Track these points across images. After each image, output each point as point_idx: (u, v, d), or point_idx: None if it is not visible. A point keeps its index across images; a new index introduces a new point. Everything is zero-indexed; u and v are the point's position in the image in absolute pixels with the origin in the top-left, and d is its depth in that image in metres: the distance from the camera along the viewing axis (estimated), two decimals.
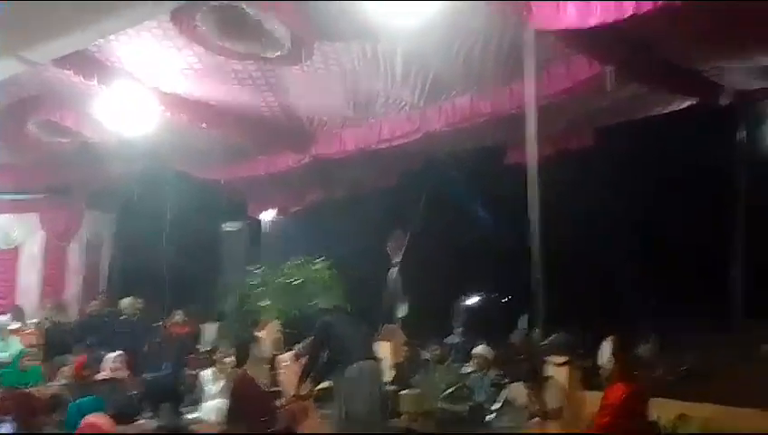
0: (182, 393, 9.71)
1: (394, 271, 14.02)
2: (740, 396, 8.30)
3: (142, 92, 8.16)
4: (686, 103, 7.97)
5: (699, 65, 7.02)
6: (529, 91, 6.11)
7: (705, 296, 12.44)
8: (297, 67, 7.56)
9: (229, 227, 11.53)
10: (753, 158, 9.08)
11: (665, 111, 8.27)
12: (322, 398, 9.17)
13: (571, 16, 5.43)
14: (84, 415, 5.75)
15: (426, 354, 11.77)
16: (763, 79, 7.30)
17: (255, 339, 9.26)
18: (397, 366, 11.15)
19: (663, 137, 10.58)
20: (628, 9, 5.01)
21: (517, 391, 9.34)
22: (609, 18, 5.16)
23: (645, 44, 6.33)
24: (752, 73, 7.14)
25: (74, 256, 14.20)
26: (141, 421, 8.16)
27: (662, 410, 8.23)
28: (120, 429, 6.05)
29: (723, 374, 9.97)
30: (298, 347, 9.16)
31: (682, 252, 14.04)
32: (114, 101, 8.20)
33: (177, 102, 8.46)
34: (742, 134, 8.88)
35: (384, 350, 11.56)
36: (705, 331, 11.84)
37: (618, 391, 6.54)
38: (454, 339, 13.65)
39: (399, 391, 10.20)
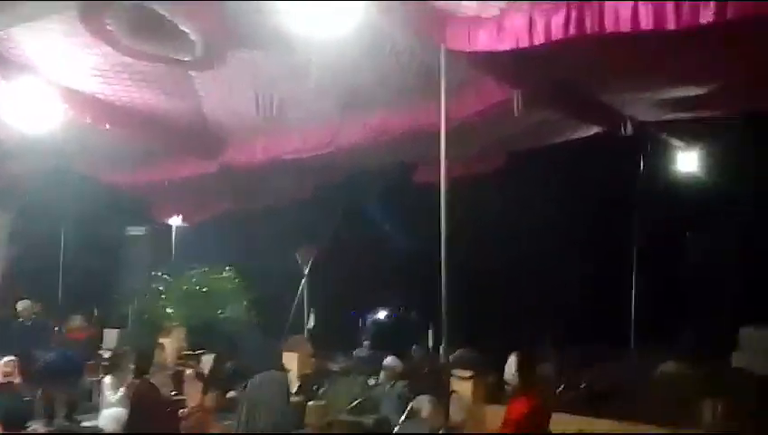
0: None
1: (303, 283, 13.97)
2: (637, 413, 8.60)
3: (45, 89, 7.87)
4: (593, 131, 8.22)
5: (605, 96, 7.25)
6: (442, 111, 6.18)
7: (604, 318, 12.90)
8: (209, 72, 7.43)
9: (133, 231, 11.23)
10: (650, 186, 9.46)
11: (572, 138, 8.52)
12: (225, 408, 9.03)
13: (482, 40, 5.52)
14: None
15: (333, 366, 11.75)
16: (664, 111, 7.59)
17: (159, 346, 9.03)
18: (303, 377, 11.08)
19: (571, 162, 10.90)
20: (539, 37, 5.12)
21: (422, 403, 9.42)
22: (520, 44, 5.26)
23: (554, 72, 6.50)
24: (654, 105, 7.42)
25: None
26: (33, 427, 7.89)
27: (562, 425, 8.44)
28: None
29: (620, 392, 10.31)
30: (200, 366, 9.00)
31: (583, 275, 14.52)
32: (16, 96, 7.88)
33: (81, 101, 8.18)
34: (641, 163, 9.23)
35: (290, 361, 11.46)
36: (602, 351, 12.25)
37: (520, 405, 6.65)
38: (361, 352, 13.66)
39: (305, 402, 10.16)
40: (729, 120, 7.86)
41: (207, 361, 12.10)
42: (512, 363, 6.91)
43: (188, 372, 8.82)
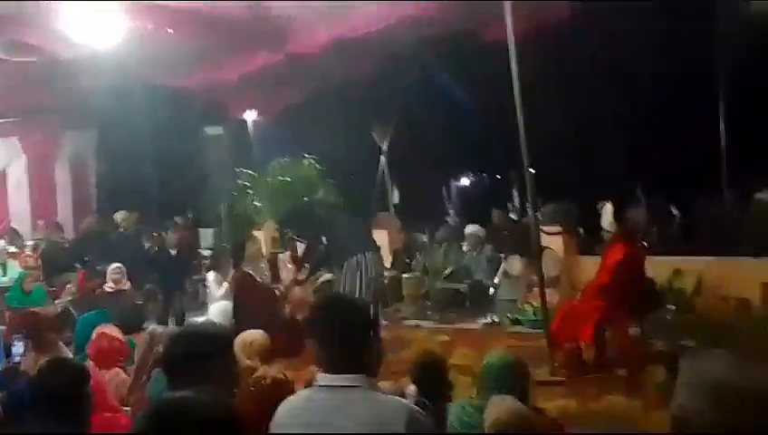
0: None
1: (383, 159, 14.05)
2: (734, 247, 8.49)
3: (106, 3, 7.90)
4: None
5: None
6: None
7: (693, 157, 12.50)
8: None
9: (211, 131, 11.41)
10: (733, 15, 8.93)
11: None
12: (323, 289, 9.36)
13: None
14: (93, 328, 5.86)
15: (423, 238, 11.94)
16: None
17: (251, 238, 9.34)
18: (394, 252, 11.34)
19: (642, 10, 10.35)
20: None
21: (513, 263, 9.54)
22: None
23: None
24: None
25: (60, 175, 14.15)
26: (151, 327, 8.36)
27: (658, 267, 8.45)
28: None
29: (714, 227, 10.17)
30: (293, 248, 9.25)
31: (667, 121, 14.01)
32: (78, 14, 7.95)
33: (140, 10, 8.20)
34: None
35: (380, 238, 11.70)
36: (693, 191, 12.00)
37: (616, 250, 6.71)
38: (449, 220, 13.81)
39: (401, 275, 10.43)
40: None
41: (301, 246, 12.48)
42: (608, 211, 6.92)
43: (281, 255, 9.13)
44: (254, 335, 5.03)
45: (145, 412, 1.94)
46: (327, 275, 10.91)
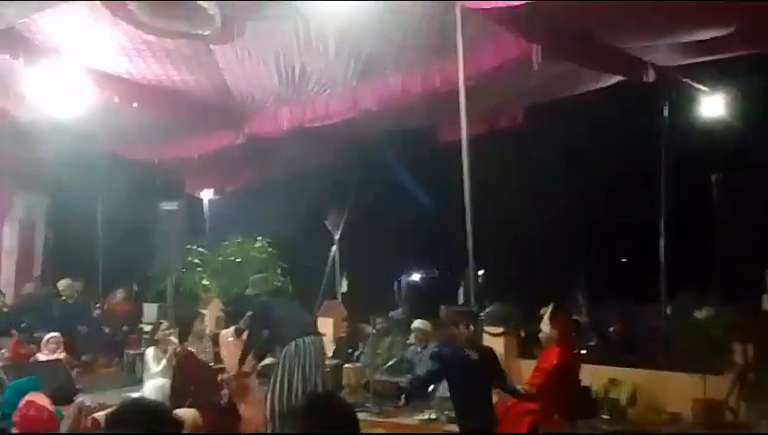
0: None
1: (334, 248, 14.14)
2: (668, 361, 8.69)
3: (72, 71, 8.03)
4: (613, 81, 8.18)
5: (624, 43, 7.22)
6: (459, 69, 6.22)
7: (633, 269, 12.91)
8: (229, 45, 7.53)
9: (166, 206, 11.42)
10: (675, 133, 9.38)
11: (593, 89, 8.49)
12: (265, 373, 9.25)
13: None
14: (22, 395, 5.72)
15: (368, 329, 11.93)
16: (685, 55, 7.54)
17: (199, 315, 9.26)
18: (338, 340, 11.30)
19: (593, 114, 10.85)
20: None
21: None
22: None
23: (571, 23, 6.50)
24: (674, 50, 7.37)
25: (7, 238, 13.91)
26: (80, 400, 8.16)
27: (594, 376, 8.59)
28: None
29: (651, 341, 10.40)
30: (240, 323, 9.20)
31: (610, 226, 14.50)
32: (43, 80, 8.05)
33: (107, 81, 8.34)
34: (665, 109, 9.16)
35: (325, 325, 11.69)
36: (632, 301, 12.29)
37: (552, 354, 6.80)
38: (397, 314, 13.83)
39: (342, 364, 10.37)
40: (753, 60, 7.77)
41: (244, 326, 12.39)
42: (546, 315, 7.06)
43: (224, 332, 9.05)
44: (185, 414, 4.98)
45: None
46: (269, 360, 10.82)
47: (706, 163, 9.80)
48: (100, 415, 6.38)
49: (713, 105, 9.11)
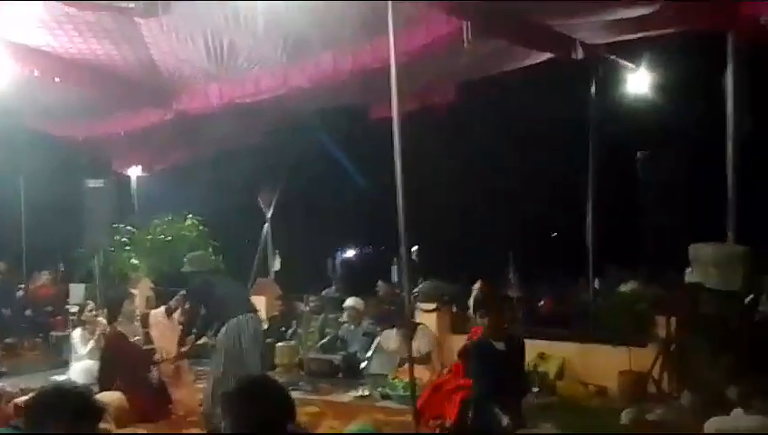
0: None
1: (266, 226, 14.04)
2: (594, 334, 8.93)
3: None
4: (542, 58, 8.26)
5: (553, 21, 7.29)
6: (390, 47, 6.18)
7: (561, 244, 13.20)
8: (155, 20, 7.31)
9: (92, 183, 11.14)
10: (603, 110, 9.57)
11: (523, 66, 8.56)
12: (197, 354, 9.16)
13: None
14: None
15: (301, 307, 11.91)
16: (613, 32, 7.65)
17: (129, 295, 9.08)
18: (271, 319, 11.25)
19: (523, 91, 10.98)
20: None
21: (388, 338, 9.66)
22: None
23: (500, 0, 6.53)
24: (602, 27, 7.48)
25: None
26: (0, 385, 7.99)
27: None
28: None
29: (578, 315, 10.66)
30: (170, 303, 9.07)
31: (539, 202, 14.77)
32: None
33: (27, 55, 8.01)
34: (593, 86, 9.32)
35: (258, 303, 11.59)
36: (560, 276, 12.57)
37: (481, 331, 6.88)
38: (330, 291, 13.85)
39: (275, 343, 10.34)
40: (679, 38, 7.95)
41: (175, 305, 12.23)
42: (475, 291, 7.15)
43: (153, 312, 8.91)
44: (109, 397, 4.90)
45: None
46: (203, 340, 10.70)
47: (632, 140, 10.03)
48: (21, 400, 6.22)
49: (639, 82, 9.32)
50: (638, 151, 8.55)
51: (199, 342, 9.21)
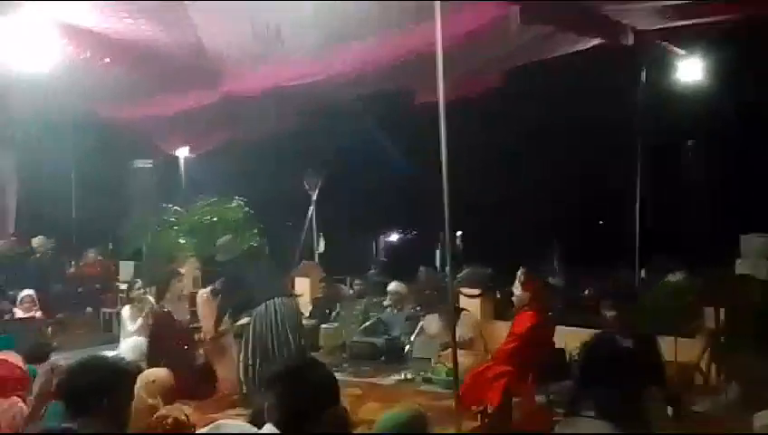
0: None
1: (311, 208, 14.11)
2: (642, 325, 8.79)
3: (41, 25, 7.80)
4: (591, 44, 8.12)
5: (603, 5, 7.15)
6: (437, 31, 6.13)
7: (608, 232, 13.01)
8: (203, 3, 7.36)
9: (140, 164, 11.31)
10: (653, 97, 9.38)
11: (571, 52, 8.42)
12: (240, 333, 9.29)
13: None
14: None
15: (345, 289, 11.98)
16: (664, 18, 7.49)
17: (177, 275, 9.23)
18: (315, 301, 11.34)
19: (572, 78, 10.81)
20: None
21: (431, 322, 9.66)
22: None
23: None
24: (653, 13, 7.32)
25: None
26: (52, 359, 8.15)
27: (568, 338, 8.66)
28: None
29: (624, 304, 10.49)
30: (216, 284, 9.20)
31: (587, 191, 14.57)
32: (10, 33, 7.83)
33: (78, 36, 8.10)
34: (643, 73, 9.13)
35: (302, 286, 11.71)
36: (607, 264, 12.37)
37: (525, 318, 6.87)
38: (374, 274, 13.89)
39: (318, 325, 10.42)
40: (731, 25, 7.75)
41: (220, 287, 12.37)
42: (519, 278, 7.10)
43: (200, 292, 9.05)
44: (157, 374, 4.96)
45: None
46: (244, 320, 10.84)
47: (682, 129, 9.83)
48: None
49: (690, 70, 9.11)
50: (687, 140, 8.39)
51: (242, 322, 9.37)
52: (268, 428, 2.74)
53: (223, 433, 2.73)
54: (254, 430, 2.69)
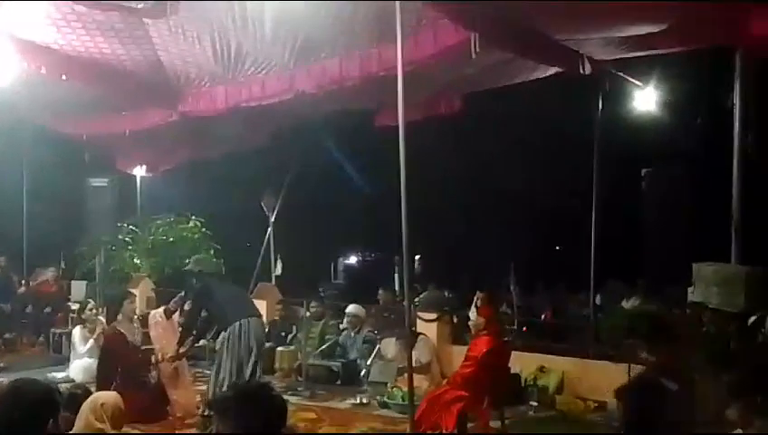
0: None
1: (269, 230, 14.01)
2: (595, 349, 8.89)
3: None
4: (550, 72, 8.24)
5: (561, 36, 7.27)
6: (398, 55, 6.17)
7: (564, 258, 13.18)
8: (163, 21, 7.31)
9: (96, 182, 11.14)
10: (609, 126, 9.53)
11: (530, 79, 8.54)
12: (195, 356, 9.17)
13: None
14: None
15: (302, 312, 11.88)
16: (621, 49, 7.63)
17: (129, 295, 9.07)
18: (271, 324, 11.21)
19: (530, 104, 10.95)
20: None
21: (388, 345, 9.62)
22: None
23: (509, 13, 6.50)
24: (610, 44, 7.46)
25: None
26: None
27: (524, 363, 8.72)
28: None
29: (579, 329, 10.61)
30: (170, 304, 9.06)
31: (543, 216, 14.72)
32: None
33: (35, 52, 8.00)
34: (600, 102, 9.28)
35: (259, 308, 11.56)
36: (562, 290, 12.51)
37: (481, 343, 6.87)
38: (330, 297, 13.81)
39: (275, 347, 10.31)
40: (687, 55, 7.93)
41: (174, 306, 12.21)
42: (476, 303, 7.11)
43: (152, 313, 8.90)
44: (105, 397, 4.84)
45: None
46: (202, 341, 10.70)
47: (638, 155, 10.00)
48: None
49: (645, 99, 9.30)
50: (642, 168, 8.52)
51: (198, 344, 9.23)
52: None
53: None
54: None
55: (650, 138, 10.48)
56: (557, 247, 16.70)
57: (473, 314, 7.06)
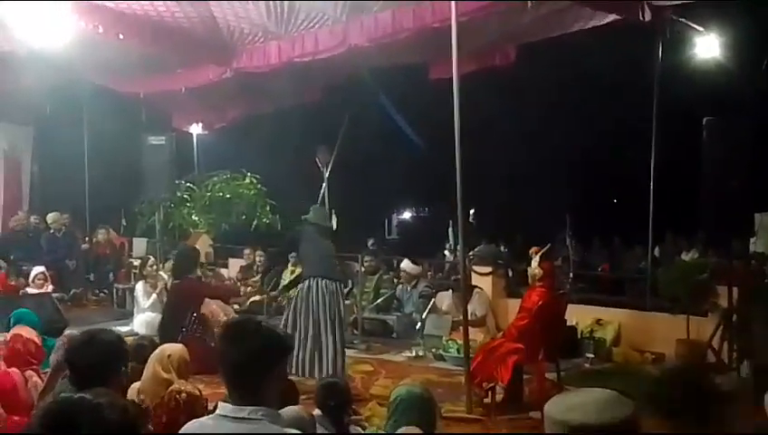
0: None
1: (324, 185, 14.05)
2: (654, 302, 8.79)
3: (54, 1, 7.80)
4: (607, 20, 8.03)
5: None
6: (452, 5, 6.08)
7: (622, 210, 12.96)
8: None
9: (153, 140, 11.29)
10: (669, 74, 9.26)
11: (586, 28, 8.34)
12: (254, 311, 9.33)
13: None
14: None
15: (356, 267, 11.97)
16: None
17: (195, 250, 9.25)
18: None
19: (586, 54, 10.70)
20: None
21: (444, 299, 9.66)
22: None
23: None
24: None
25: None
26: (67, 333, 8.20)
27: (580, 316, 8.68)
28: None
29: (637, 282, 10.49)
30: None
31: (601, 168, 14.48)
32: (25, 8, 7.83)
33: (92, 11, 8.10)
34: (660, 50, 9.02)
35: None
36: (620, 243, 12.35)
37: (534, 294, 6.84)
38: (387, 251, 13.88)
39: None
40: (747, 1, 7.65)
41: (234, 263, 12.41)
42: (533, 256, 7.07)
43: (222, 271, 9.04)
44: (172, 349, 4.97)
45: (38, 413, 1.98)
46: (256, 297, 10.89)
47: (699, 105, 9.70)
48: None
49: (707, 46, 9.00)
50: (704, 118, 8.26)
51: (255, 298, 9.40)
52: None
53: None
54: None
55: (712, 87, 10.17)
56: (614, 200, 16.42)
57: (535, 262, 6.99)
